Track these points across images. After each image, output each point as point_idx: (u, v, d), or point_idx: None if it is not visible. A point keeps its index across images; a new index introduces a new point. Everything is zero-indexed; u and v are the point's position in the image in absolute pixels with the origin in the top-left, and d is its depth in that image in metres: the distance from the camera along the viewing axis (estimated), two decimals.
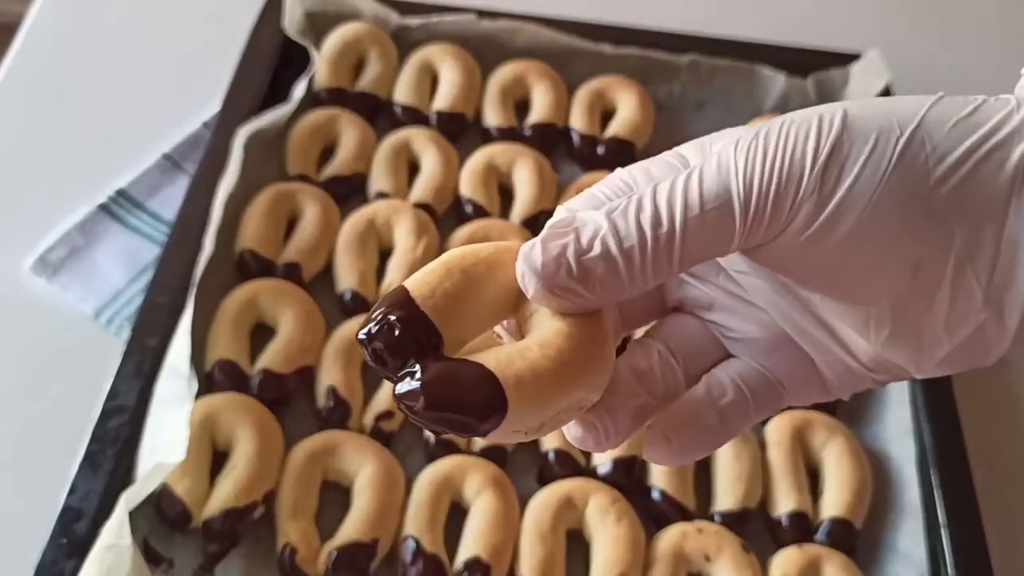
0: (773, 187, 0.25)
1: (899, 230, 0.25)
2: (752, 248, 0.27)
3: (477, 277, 0.27)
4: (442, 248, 0.65)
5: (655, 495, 0.56)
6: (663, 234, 0.26)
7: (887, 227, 0.25)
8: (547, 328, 0.27)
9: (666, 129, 0.74)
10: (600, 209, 0.26)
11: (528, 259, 0.26)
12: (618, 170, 0.29)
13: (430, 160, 0.69)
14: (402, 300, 0.26)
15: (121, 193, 0.69)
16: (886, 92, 0.71)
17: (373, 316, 0.26)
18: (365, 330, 0.26)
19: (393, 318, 0.26)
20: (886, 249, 0.25)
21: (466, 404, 0.25)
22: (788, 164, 0.25)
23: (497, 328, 0.29)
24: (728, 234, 0.26)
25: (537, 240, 0.26)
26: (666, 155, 0.29)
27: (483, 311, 0.28)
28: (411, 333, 0.26)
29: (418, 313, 0.26)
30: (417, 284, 0.27)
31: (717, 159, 0.26)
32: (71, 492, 0.51)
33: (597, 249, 0.26)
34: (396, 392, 0.25)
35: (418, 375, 0.25)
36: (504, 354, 0.26)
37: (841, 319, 0.28)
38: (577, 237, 0.26)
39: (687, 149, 0.29)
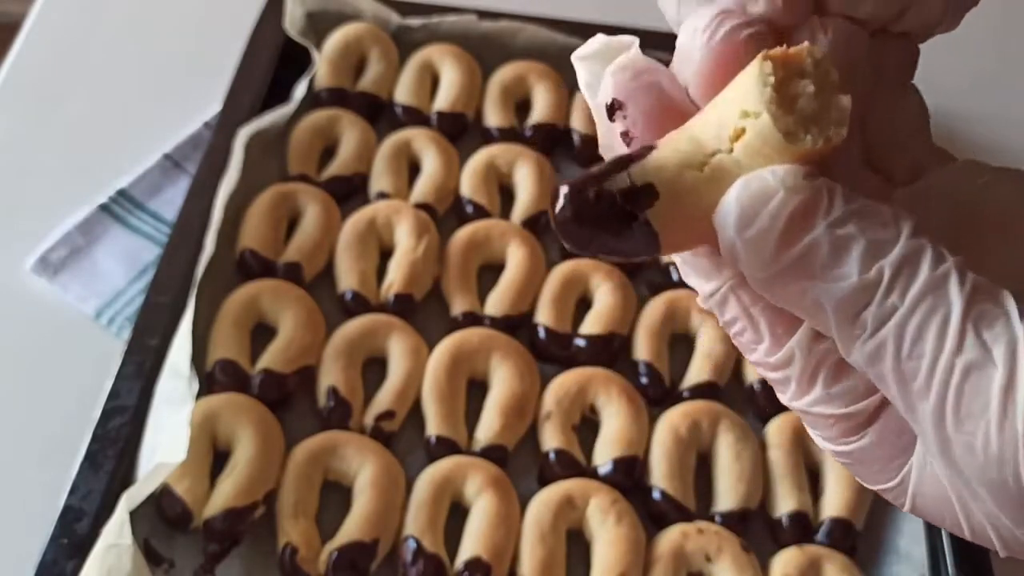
0: None
1: None
2: None
3: None
4: (443, 249, 0.65)
5: (655, 495, 0.56)
6: None
7: None
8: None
9: None
10: None
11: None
12: None
13: (431, 160, 0.69)
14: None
15: (122, 193, 0.69)
16: None
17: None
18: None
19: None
20: None
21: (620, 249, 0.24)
22: None
23: None
24: None
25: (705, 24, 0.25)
26: None
27: None
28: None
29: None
30: None
31: None
32: (72, 492, 0.51)
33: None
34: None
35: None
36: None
37: None
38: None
39: None
